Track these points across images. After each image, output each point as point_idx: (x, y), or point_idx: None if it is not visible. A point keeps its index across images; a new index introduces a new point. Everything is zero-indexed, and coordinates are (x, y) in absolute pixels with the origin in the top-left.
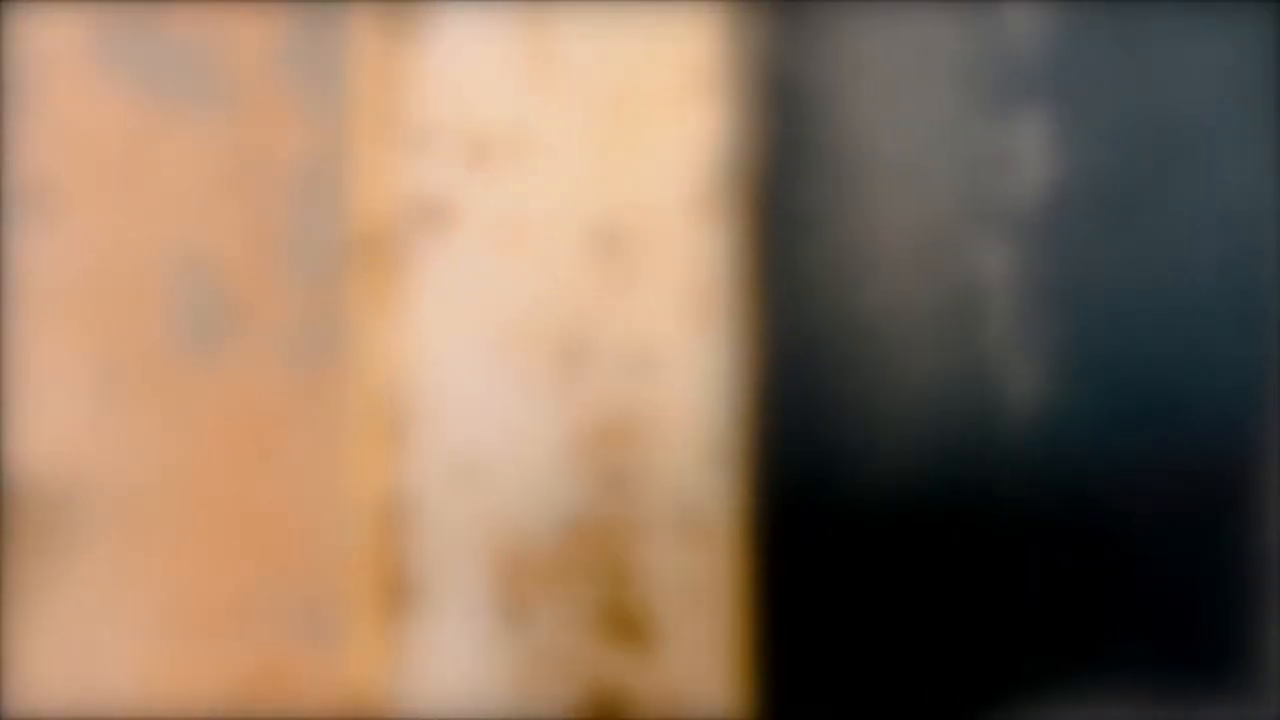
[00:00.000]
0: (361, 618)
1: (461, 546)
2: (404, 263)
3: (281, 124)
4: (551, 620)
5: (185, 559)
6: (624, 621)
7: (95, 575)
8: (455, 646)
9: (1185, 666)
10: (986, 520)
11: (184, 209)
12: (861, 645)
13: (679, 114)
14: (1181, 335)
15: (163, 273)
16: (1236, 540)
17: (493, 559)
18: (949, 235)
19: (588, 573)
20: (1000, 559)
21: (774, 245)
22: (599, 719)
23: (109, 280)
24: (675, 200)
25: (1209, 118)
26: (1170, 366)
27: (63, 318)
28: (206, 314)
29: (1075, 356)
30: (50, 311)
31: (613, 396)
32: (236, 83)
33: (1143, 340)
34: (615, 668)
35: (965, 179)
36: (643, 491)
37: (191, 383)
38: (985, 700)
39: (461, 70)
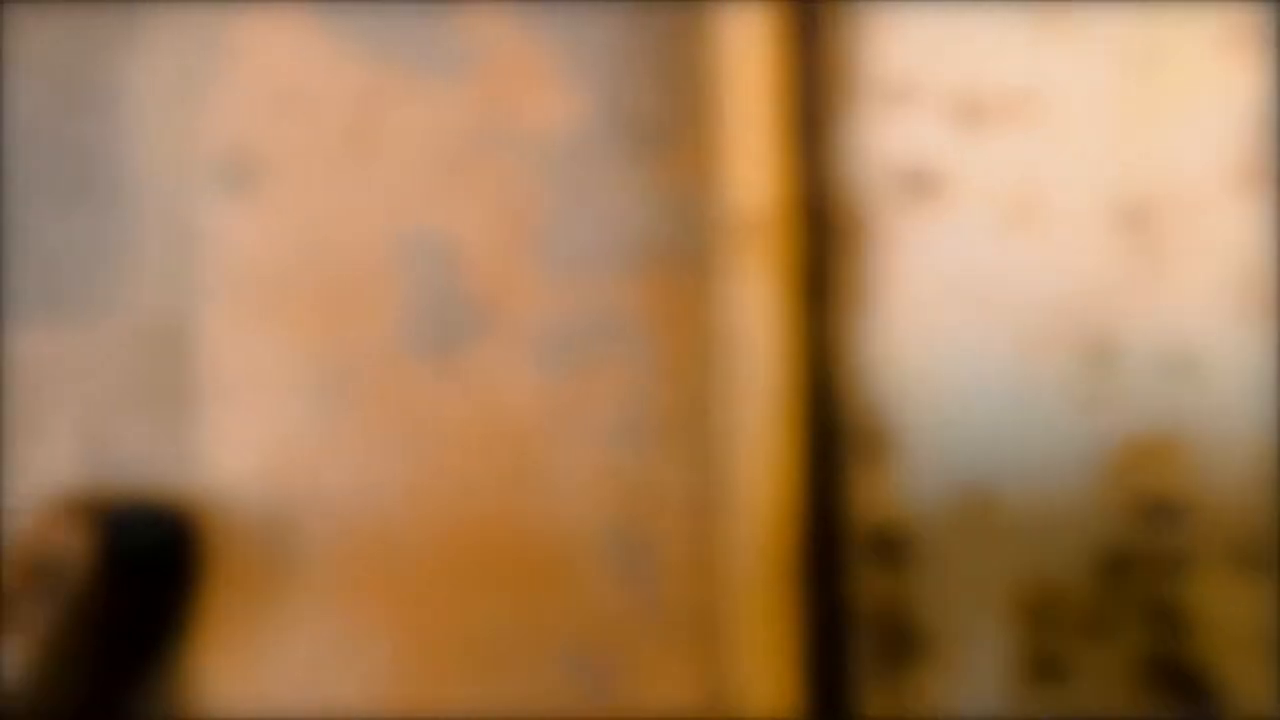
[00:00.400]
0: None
1: (973, 588)
2: (873, 243)
3: (533, 95)
4: (1090, 675)
5: (429, 587)
6: (1177, 675)
7: (321, 607)
8: (972, 704)
9: None
10: None
11: (418, 189)
12: None
13: (1217, 74)
14: None
15: (394, 261)
16: None
17: (1013, 603)
18: None
19: (1131, 618)
20: None
21: None
22: None
23: (330, 268)
24: (1213, 171)
25: None
26: None
27: (276, 310)
28: (446, 309)
29: None
30: (260, 303)
31: (1149, 405)
32: (477, 45)
33: None
34: None
35: None
36: (1191, 520)
37: (430, 388)
38: None
39: (942, 20)
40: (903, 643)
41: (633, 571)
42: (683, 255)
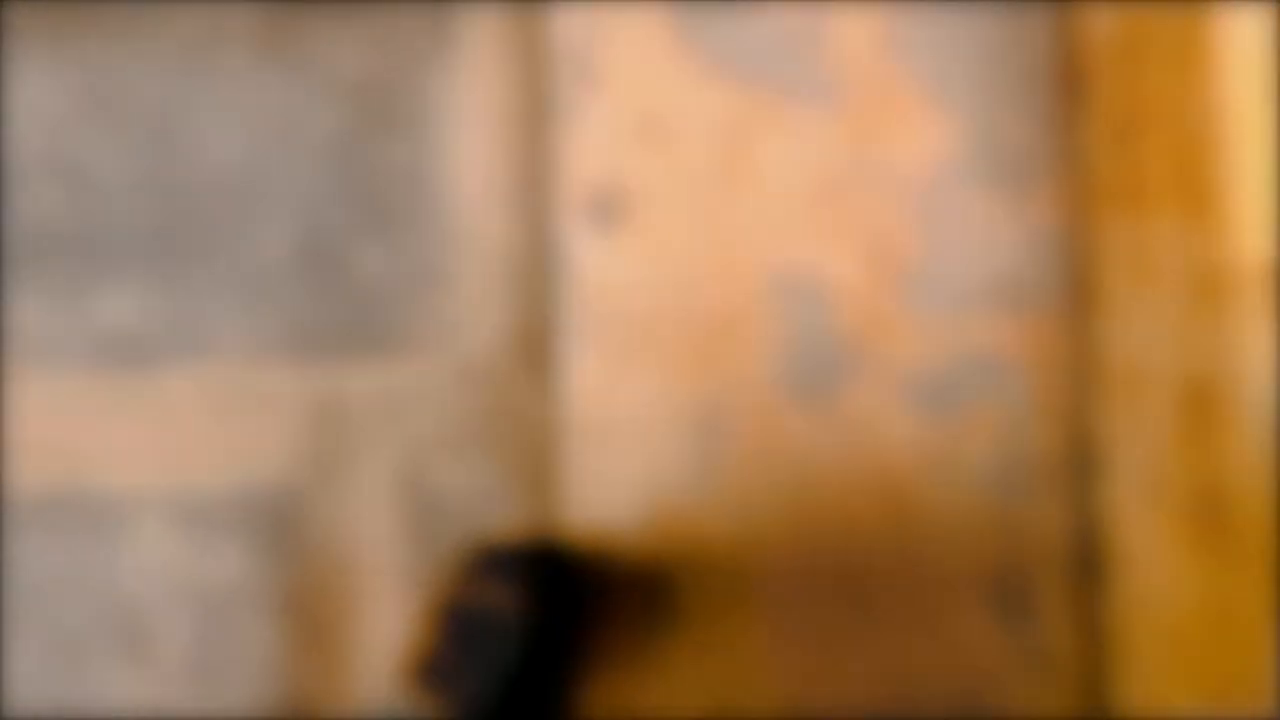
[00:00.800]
0: None
1: None
2: None
3: (904, 124)
4: None
5: (806, 630)
6: None
7: (697, 648)
8: None
9: None
10: None
11: (787, 222)
12: None
13: None
14: None
15: (764, 298)
16: None
17: None
18: None
19: None
20: None
21: None
22: None
23: (699, 305)
24: None
25: None
26: None
27: (642, 347)
28: (818, 348)
29: None
30: (625, 339)
31: None
32: (843, 71)
33: None
34: None
35: None
36: None
37: (803, 429)
38: None
39: None
40: None
41: (1011, 614)
42: (1059, 292)
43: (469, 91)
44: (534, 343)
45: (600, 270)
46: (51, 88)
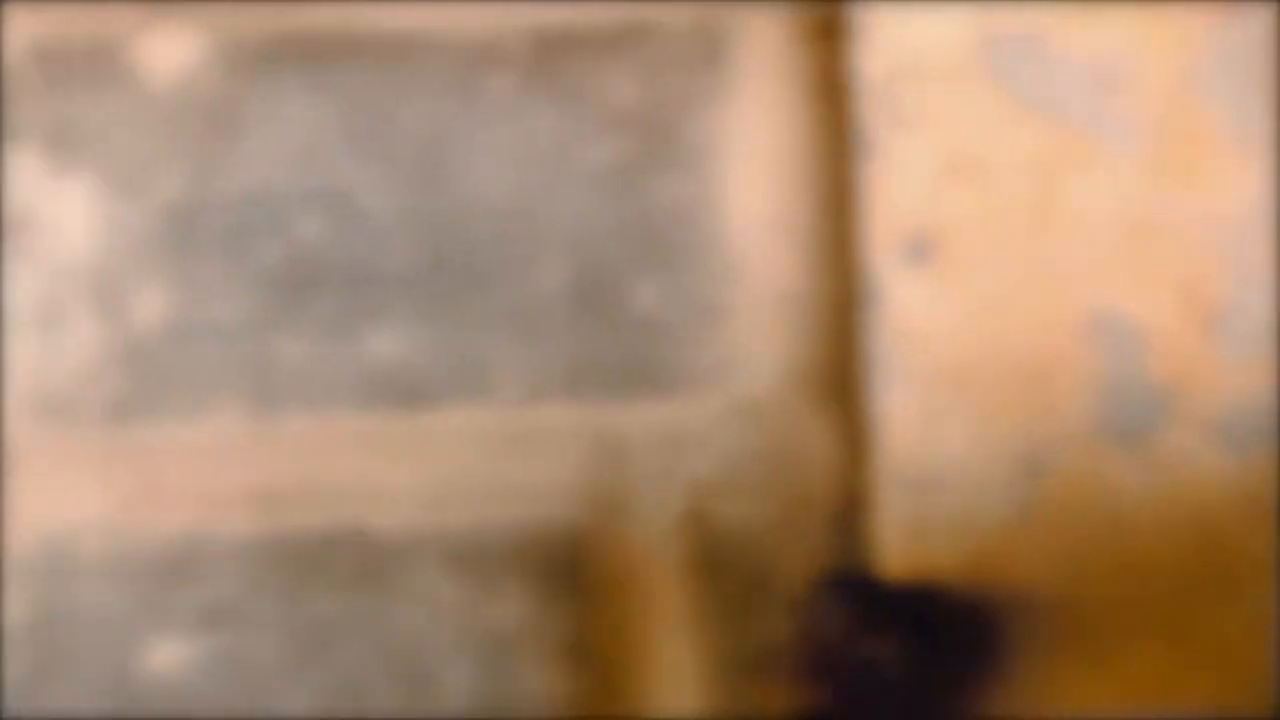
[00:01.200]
0: None
1: None
2: None
3: (1210, 164)
4: None
5: (1130, 676)
6: None
7: (1032, 699)
8: None
9: None
10: None
11: (1099, 263)
12: None
13: None
14: None
15: (1079, 340)
16: None
17: None
18: None
19: None
20: None
21: None
22: None
23: (1014, 345)
24: None
25: None
26: None
27: (958, 388)
28: (1134, 392)
29: None
30: (941, 381)
31: None
32: (1150, 110)
33: None
34: None
35: None
36: None
37: (1122, 474)
38: None
39: None
40: None
41: None
42: None
43: (746, 123)
44: (822, 380)
45: (912, 311)
46: (315, 116)
